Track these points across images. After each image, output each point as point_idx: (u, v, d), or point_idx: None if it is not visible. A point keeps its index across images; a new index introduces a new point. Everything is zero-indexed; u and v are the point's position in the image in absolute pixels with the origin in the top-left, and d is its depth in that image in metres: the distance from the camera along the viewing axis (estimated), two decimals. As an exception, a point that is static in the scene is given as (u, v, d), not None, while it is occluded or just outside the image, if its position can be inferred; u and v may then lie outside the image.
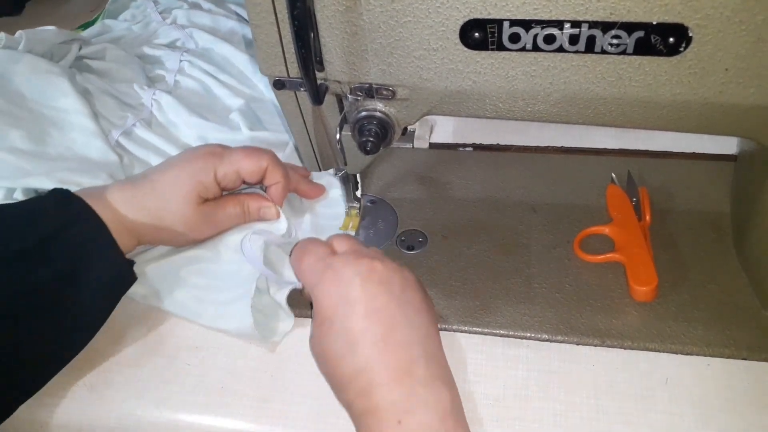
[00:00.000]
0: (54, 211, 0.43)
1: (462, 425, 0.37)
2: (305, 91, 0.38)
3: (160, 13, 0.78)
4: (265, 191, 0.50)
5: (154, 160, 0.60)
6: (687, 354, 0.43)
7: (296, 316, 0.47)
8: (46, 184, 0.52)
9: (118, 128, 0.61)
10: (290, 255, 0.46)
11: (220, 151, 0.48)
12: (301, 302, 0.47)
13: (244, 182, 0.49)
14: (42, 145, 0.56)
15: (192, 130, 0.63)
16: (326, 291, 0.40)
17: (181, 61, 0.70)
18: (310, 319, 0.47)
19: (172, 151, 0.61)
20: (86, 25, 0.78)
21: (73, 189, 0.46)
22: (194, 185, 0.46)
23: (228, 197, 0.49)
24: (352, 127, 0.43)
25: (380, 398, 0.36)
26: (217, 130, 0.63)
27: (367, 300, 0.38)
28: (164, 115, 0.64)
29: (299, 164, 0.57)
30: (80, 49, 0.67)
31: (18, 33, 0.62)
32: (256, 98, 0.68)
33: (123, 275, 0.45)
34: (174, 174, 0.47)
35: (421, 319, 0.39)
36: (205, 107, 0.66)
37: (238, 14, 0.79)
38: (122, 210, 0.45)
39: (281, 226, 0.49)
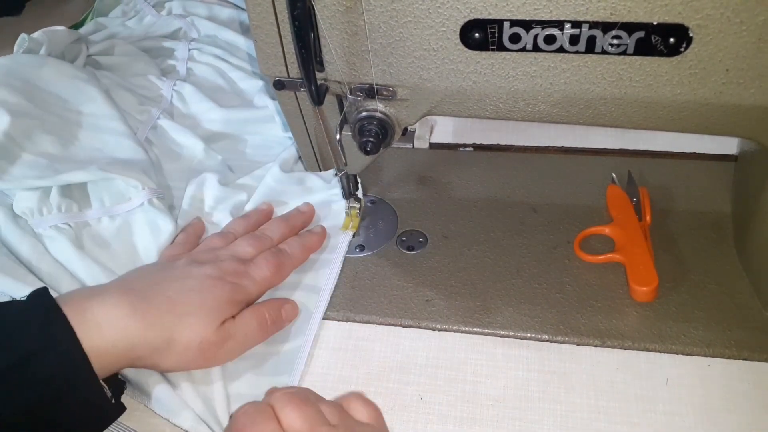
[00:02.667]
0: (31, 329, 0.37)
1: None
2: (305, 91, 0.38)
3: (153, 6, 0.78)
4: None
5: (182, 151, 0.60)
6: (687, 354, 0.43)
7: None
8: (82, 177, 0.52)
9: (143, 124, 0.61)
10: (230, 417, 0.41)
11: (243, 270, 0.45)
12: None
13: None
14: (72, 148, 0.55)
15: (216, 114, 0.64)
16: None
17: (189, 49, 0.71)
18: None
19: (197, 142, 0.61)
20: (76, 26, 0.78)
21: (111, 178, 0.48)
22: (218, 310, 0.42)
23: (244, 310, 0.44)
24: (352, 127, 0.43)
25: None
26: (241, 112, 0.64)
27: None
28: (186, 106, 0.65)
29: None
30: (88, 48, 0.67)
31: (38, 34, 0.61)
32: None
33: (103, 415, 0.39)
34: (198, 292, 0.42)
35: None
36: (222, 91, 0.67)
37: (232, 2, 0.79)
38: (122, 324, 0.39)
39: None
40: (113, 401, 0.39)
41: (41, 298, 0.39)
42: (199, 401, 0.42)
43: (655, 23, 0.33)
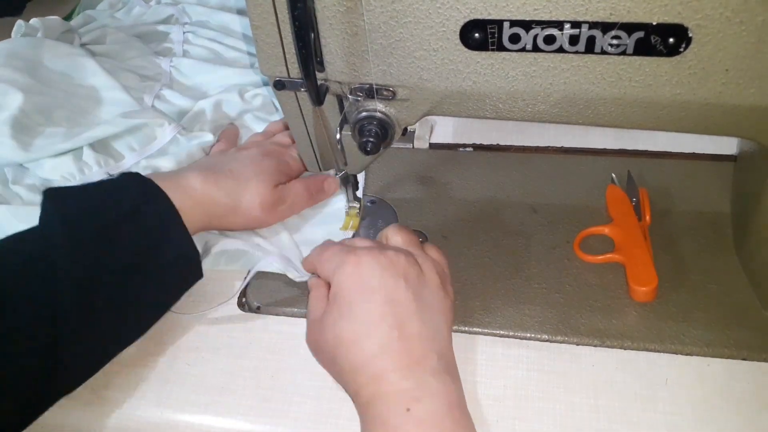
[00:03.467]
0: (127, 193, 0.45)
1: (467, 416, 0.37)
2: (306, 91, 0.38)
3: None
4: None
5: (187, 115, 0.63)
6: (687, 354, 0.43)
7: (297, 316, 0.48)
8: (108, 129, 0.56)
9: (148, 95, 0.63)
10: (303, 262, 0.49)
11: (278, 151, 0.54)
12: (302, 301, 0.47)
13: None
14: (83, 120, 0.58)
15: (215, 76, 0.66)
16: (347, 274, 0.41)
17: (184, 32, 0.71)
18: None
19: (187, 101, 0.63)
20: (65, 20, 0.78)
21: (136, 124, 0.53)
22: (270, 174, 0.51)
23: (294, 180, 0.53)
24: (352, 127, 0.43)
25: (390, 385, 0.37)
26: (240, 75, 0.66)
27: (386, 289, 0.40)
28: (187, 78, 0.66)
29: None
30: (80, 38, 0.68)
31: (33, 20, 0.64)
32: None
33: (189, 267, 0.46)
34: (255, 165, 0.51)
35: (435, 318, 0.41)
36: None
37: None
38: (199, 188, 0.47)
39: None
40: (197, 260, 0.47)
41: (132, 174, 0.46)
42: (275, 248, 0.51)
43: (654, 23, 0.33)
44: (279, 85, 0.41)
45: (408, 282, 0.40)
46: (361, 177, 0.57)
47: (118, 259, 0.42)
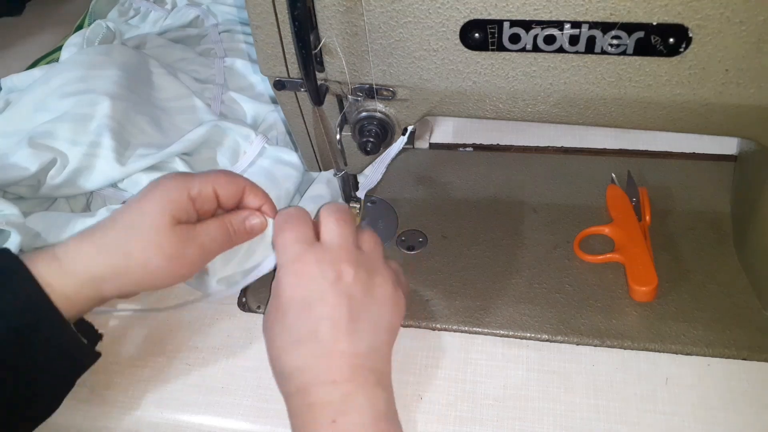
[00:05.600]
0: None
1: (395, 427, 0.37)
2: (305, 91, 0.38)
3: (153, 2, 0.78)
4: None
5: (247, 119, 0.62)
6: (687, 354, 0.43)
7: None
8: (201, 132, 0.54)
9: (213, 100, 0.62)
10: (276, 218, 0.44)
11: (192, 174, 0.44)
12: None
13: (219, 207, 0.45)
14: (165, 128, 0.57)
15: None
16: (289, 282, 0.39)
17: (219, 32, 0.71)
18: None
19: (257, 107, 0.62)
20: (77, 28, 0.78)
21: (226, 127, 0.51)
22: (165, 205, 0.40)
23: (208, 219, 0.44)
24: (352, 127, 0.43)
25: (317, 397, 0.37)
26: None
27: (324, 306, 0.38)
28: (240, 77, 0.66)
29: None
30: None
31: (109, 23, 0.67)
32: None
33: (75, 358, 0.40)
34: (139, 200, 0.41)
35: (375, 336, 0.39)
36: None
37: None
38: (78, 262, 0.39)
39: (271, 261, 0.47)
40: (84, 344, 0.40)
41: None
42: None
43: (654, 23, 0.33)
44: (279, 85, 0.41)
45: (351, 301, 0.38)
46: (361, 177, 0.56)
47: None
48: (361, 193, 0.49)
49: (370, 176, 0.47)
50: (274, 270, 0.47)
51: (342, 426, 0.35)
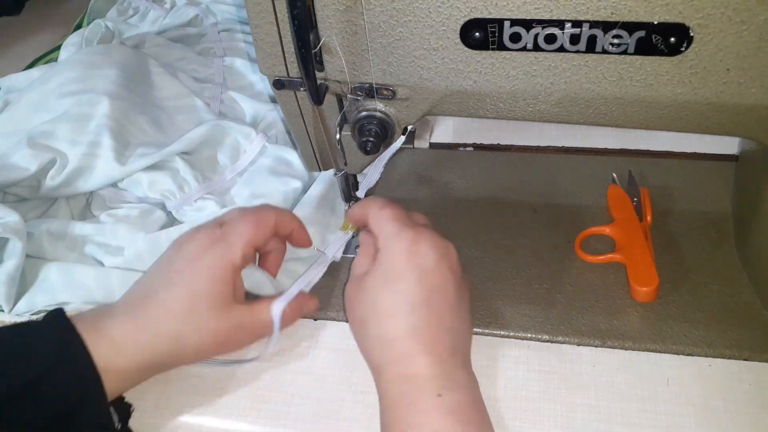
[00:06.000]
0: (41, 348, 0.37)
1: (486, 412, 0.38)
2: (305, 91, 0.38)
3: (152, 1, 0.78)
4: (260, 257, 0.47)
5: (247, 118, 0.62)
6: (688, 354, 0.43)
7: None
8: (201, 132, 0.55)
9: (212, 99, 0.62)
10: (350, 209, 0.45)
11: (220, 234, 0.42)
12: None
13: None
14: (164, 127, 0.57)
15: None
16: (402, 249, 0.39)
17: (219, 32, 0.71)
18: (309, 320, 0.47)
19: (256, 106, 0.62)
20: (76, 27, 0.78)
21: (227, 126, 0.52)
22: (216, 286, 0.40)
23: (262, 301, 0.43)
24: (352, 127, 0.43)
25: (421, 368, 0.36)
26: None
27: (436, 277, 0.39)
28: (240, 77, 0.66)
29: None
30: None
31: (108, 23, 0.67)
32: None
33: None
34: (186, 283, 0.40)
35: (467, 317, 0.41)
36: None
37: None
38: (129, 349, 0.39)
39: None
40: (119, 426, 0.40)
41: (56, 318, 0.39)
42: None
43: (655, 23, 0.33)
44: (278, 85, 0.41)
45: (455, 277, 0.40)
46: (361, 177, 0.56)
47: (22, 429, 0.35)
48: (361, 193, 0.49)
49: (369, 176, 0.47)
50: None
51: (448, 401, 0.35)
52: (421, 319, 0.38)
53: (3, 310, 0.48)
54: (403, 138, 0.43)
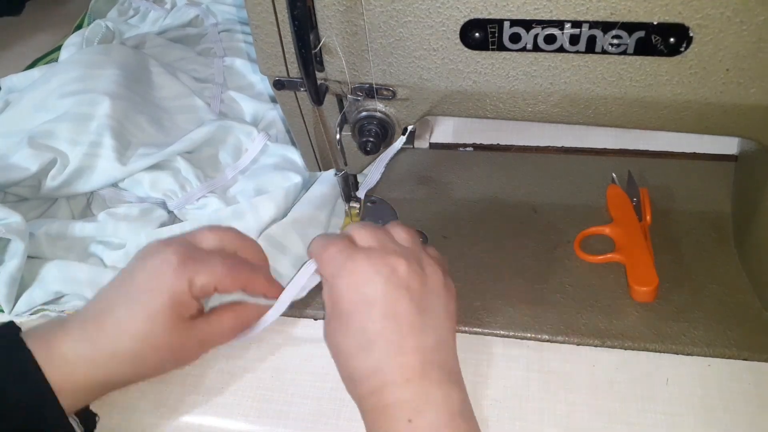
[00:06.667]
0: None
1: (471, 423, 0.37)
2: (305, 91, 0.38)
3: (153, 1, 0.78)
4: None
5: (247, 118, 0.62)
6: (687, 354, 0.43)
7: (296, 316, 0.47)
8: (203, 132, 0.55)
9: (212, 99, 0.62)
10: (309, 247, 0.43)
11: (188, 262, 0.40)
12: (300, 302, 0.47)
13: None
14: (165, 127, 0.57)
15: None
16: (346, 285, 0.39)
17: (219, 32, 0.71)
18: (309, 320, 0.47)
19: (257, 106, 0.62)
20: (76, 27, 0.78)
21: (228, 126, 0.52)
22: (172, 306, 0.39)
23: (218, 309, 0.42)
24: (352, 127, 0.43)
25: (392, 397, 0.36)
26: None
27: (386, 303, 0.38)
28: (240, 77, 0.66)
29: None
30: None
31: (109, 23, 0.67)
32: None
33: None
34: (142, 297, 0.39)
35: (439, 326, 0.39)
36: None
37: None
38: (83, 369, 0.38)
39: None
40: None
41: (6, 335, 0.39)
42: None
43: (655, 23, 0.33)
44: (278, 85, 0.41)
45: (410, 292, 0.38)
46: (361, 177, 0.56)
47: None
48: (361, 193, 0.49)
49: (370, 176, 0.47)
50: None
51: (418, 425, 0.35)
52: (381, 352, 0.37)
53: (3, 311, 0.49)
54: (403, 138, 0.43)
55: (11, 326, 0.40)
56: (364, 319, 0.38)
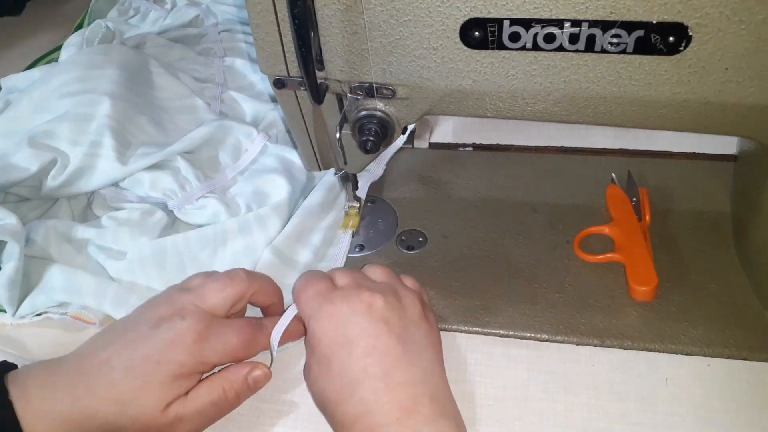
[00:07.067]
0: None
1: None
2: (305, 90, 0.38)
3: (153, 1, 0.78)
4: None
5: (247, 118, 0.62)
6: (687, 354, 0.43)
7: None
8: (203, 132, 0.55)
9: (213, 99, 0.62)
10: (293, 289, 0.43)
11: (212, 332, 0.39)
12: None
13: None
14: (165, 127, 0.57)
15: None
16: (323, 328, 0.38)
17: (219, 32, 0.71)
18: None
19: (257, 106, 0.62)
20: (76, 27, 0.78)
21: (229, 126, 0.52)
22: (171, 384, 0.38)
23: (200, 384, 0.40)
24: (352, 126, 0.43)
25: None
26: None
27: (366, 339, 0.37)
28: (240, 77, 0.66)
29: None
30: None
31: (109, 23, 0.67)
32: None
33: None
34: (144, 374, 0.38)
35: (424, 356, 0.38)
36: None
37: None
38: (66, 416, 0.37)
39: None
40: None
41: None
42: None
43: (654, 22, 0.33)
44: (279, 84, 0.41)
45: (389, 325, 0.38)
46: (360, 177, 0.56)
47: None
48: (362, 192, 0.49)
49: (372, 171, 0.47)
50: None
51: None
52: (367, 392, 0.36)
53: (5, 311, 0.49)
54: (405, 136, 0.43)
55: (2, 368, 0.39)
56: (345, 360, 0.37)
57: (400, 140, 0.44)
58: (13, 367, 0.40)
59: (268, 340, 0.42)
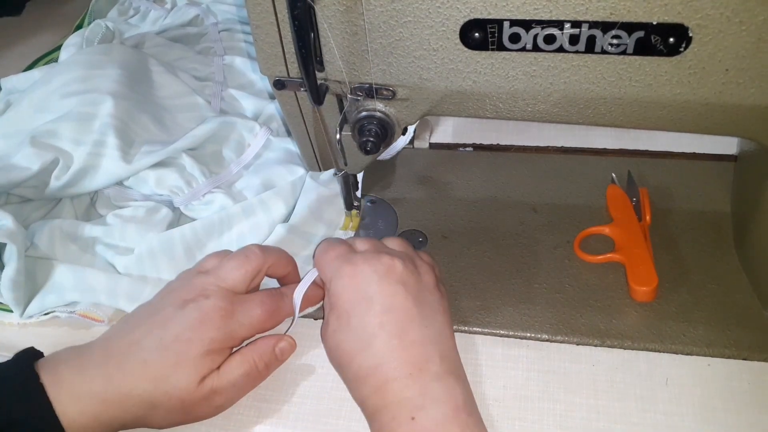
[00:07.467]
0: (8, 400, 0.36)
1: (475, 417, 0.37)
2: (305, 91, 0.38)
3: (153, 1, 0.78)
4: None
5: (249, 115, 0.62)
6: (687, 354, 0.43)
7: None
8: (206, 129, 0.55)
9: (213, 97, 0.62)
10: (314, 254, 0.45)
11: (236, 307, 0.41)
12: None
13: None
14: (167, 125, 0.58)
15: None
16: (344, 285, 0.40)
17: (219, 31, 0.71)
18: (309, 320, 0.47)
19: (257, 103, 0.62)
20: (76, 27, 0.78)
21: (231, 122, 0.53)
22: (203, 360, 0.39)
23: (231, 358, 0.41)
24: (352, 127, 0.43)
25: (394, 395, 0.36)
26: None
27: (384, 298, 0.39)
28: (240, 75, 0.66)
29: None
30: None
31: (108, 23, 0.67)
32: None
33: None
34: (176, 352, 0.39)
35: (437, 318, 0.40)
36: None
37: None
38: (99, 397, 0.37)
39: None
40: None
41: (22, 364, 0.38)
42: None
43: (654, 23, 0.33)
44: (279, 85, 0.41)
45: (407, 287, 0.40)
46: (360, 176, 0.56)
47: None
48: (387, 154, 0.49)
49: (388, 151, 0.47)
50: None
51: (421, 422, 0.35)
52: (383, 346, 0.38)
53: (11, 311, 0.49)
54: (411, 134, 0.43)
55: (29, 354, 0.39)
56: (363, 315, 0.39)
57: (403, 140, 0.44)
58: (41, 354, 0.40)
59: (290, 307, 0.44)
